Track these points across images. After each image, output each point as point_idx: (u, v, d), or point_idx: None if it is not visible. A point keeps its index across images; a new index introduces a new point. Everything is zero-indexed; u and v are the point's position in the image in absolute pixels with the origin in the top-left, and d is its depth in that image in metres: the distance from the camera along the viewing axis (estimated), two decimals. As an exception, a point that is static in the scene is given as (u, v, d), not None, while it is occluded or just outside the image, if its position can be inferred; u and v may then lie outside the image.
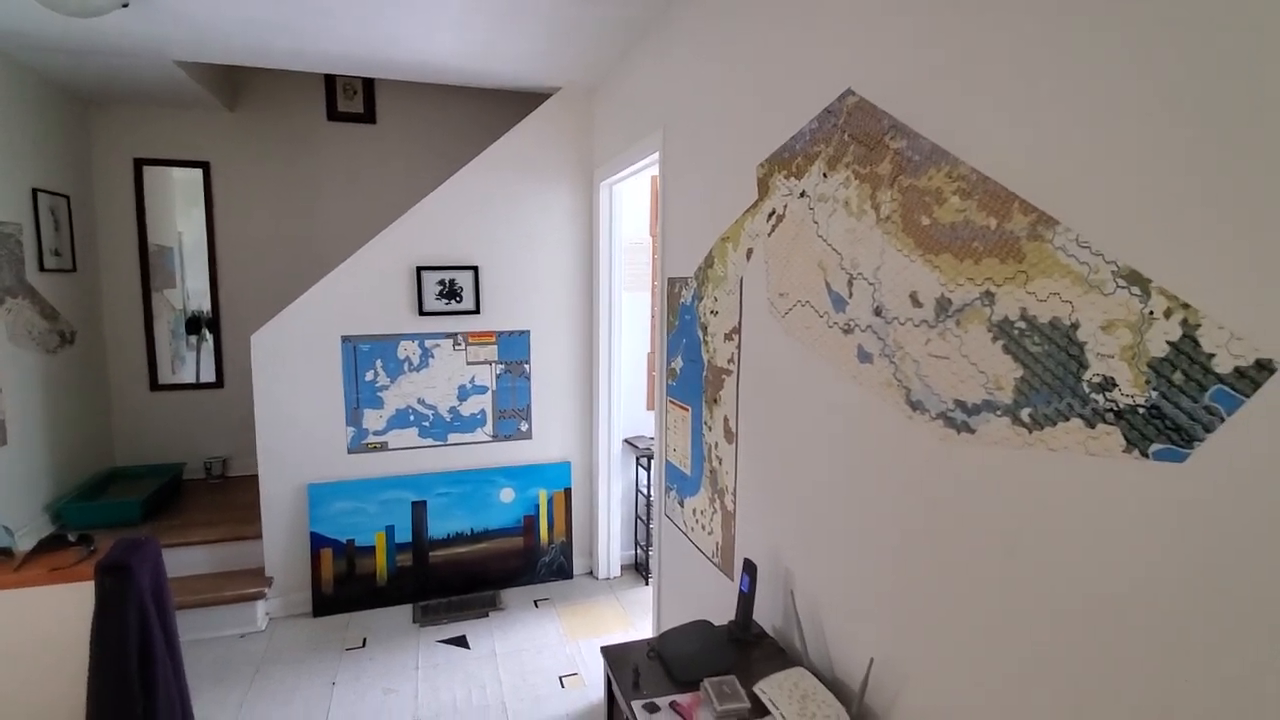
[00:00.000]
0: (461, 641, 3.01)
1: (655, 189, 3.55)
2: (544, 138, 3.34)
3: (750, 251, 1.85)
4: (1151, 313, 0.85)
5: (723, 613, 2.10)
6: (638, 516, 3.76)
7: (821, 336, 1.53)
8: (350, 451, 3.22)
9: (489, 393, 3.39)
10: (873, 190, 1.34)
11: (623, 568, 3.73)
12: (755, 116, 1.80)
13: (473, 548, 3.40)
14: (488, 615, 3.22)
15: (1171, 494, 0.83)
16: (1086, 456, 0.94)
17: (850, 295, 1.42)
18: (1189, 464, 0.81)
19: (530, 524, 3.50)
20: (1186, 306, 0.81)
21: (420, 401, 3.29)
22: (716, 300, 2.07)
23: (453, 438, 3.36)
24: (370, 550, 3.25)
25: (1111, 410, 0.90)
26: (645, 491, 3.65)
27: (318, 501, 3.17)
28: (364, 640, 3.02)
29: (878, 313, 1.34)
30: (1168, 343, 0.83)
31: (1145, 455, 0.86)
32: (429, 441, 3.33)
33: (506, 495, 3.44)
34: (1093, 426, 0.93)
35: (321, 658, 2.90)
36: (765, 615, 1.84)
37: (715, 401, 2.10)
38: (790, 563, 1.71)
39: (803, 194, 1.58)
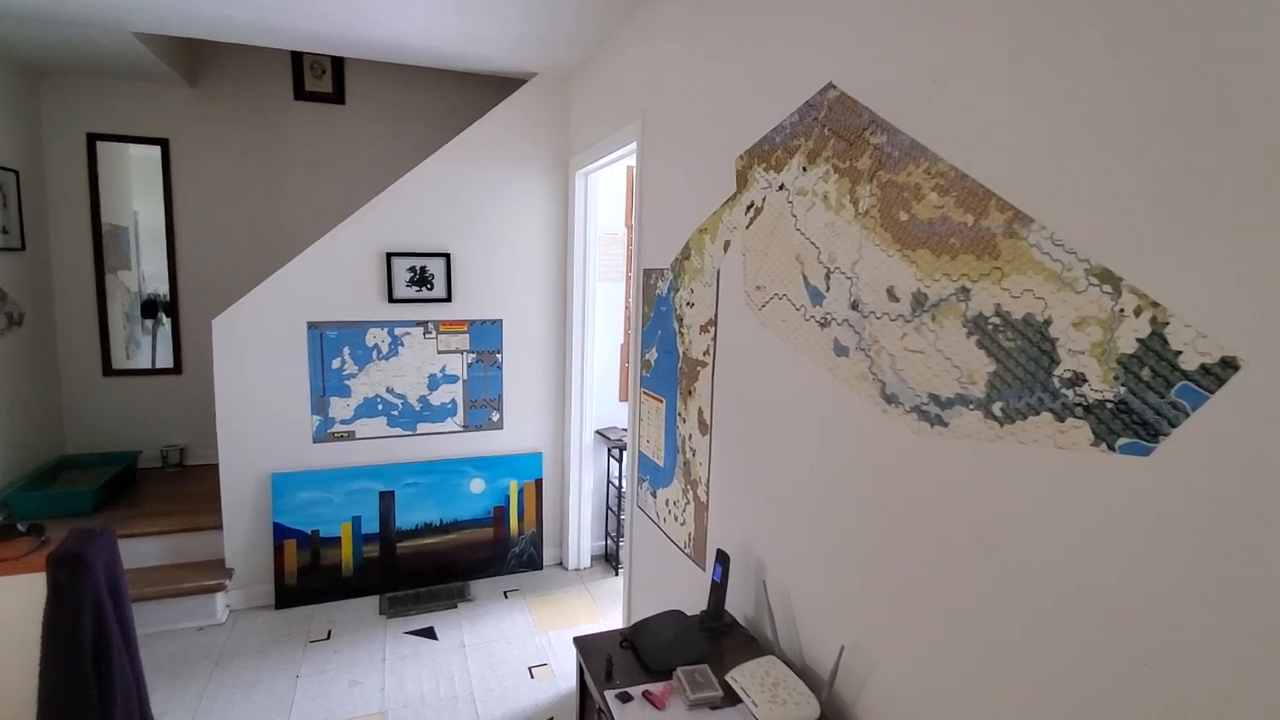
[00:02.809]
0: (429, 633, 2.98)
1: (631, 179, 3.54)
2: (519, 124, 3.30)
3: (728, 244, 1.85)
4: (1122, 310, 0.87)
5: (694, 603, 2.11)
6: (608, 507, 3.76)
7: (798, 330, 1.55)
8: (316, 441, 3.15)
9: (460, 382, 3.35)
10: (852, 185, 1.35)
11: (593, 558, 3.73)
12: (735, 108, 1.80)
13: (441, 539, 3.36)
14: (456, 607, 3.19)
15: (1137, 487, 0.86)
16: (1056, 450, 0.96)
17: (827, 289, 1.44)
18: (1154, 458, 0.84)
19: (500, 515, 3.47)
20: (1156, 305, 0.83)
21: (389, 390, 3.23)
22: (693, 292, 2.07)
23: (422, 427, 3.31)
24: (336, 541, 3.19)
25: (1081, 405, 0.93)
26: (616, 482, 3.65)
27: (281, 491, 3.10)
28: (329, 632, 2.97)
29: (854, 307, 1.36)
30: (1137, 340, 0.85)
31: (1112, 449, 0.89)
32: (398, 431, 3.27)
33: (476, 486, 3.41)
34: (1062, 420, 0.95)
35: (284, 650, 2.84)
36: (737, 605, 1.86)
37: (690, 393, 2.11)
38: (762, 553, 1.72)
39: (781, 187, 1.59)
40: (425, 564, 3.34)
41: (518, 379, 3.47)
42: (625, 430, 3.67)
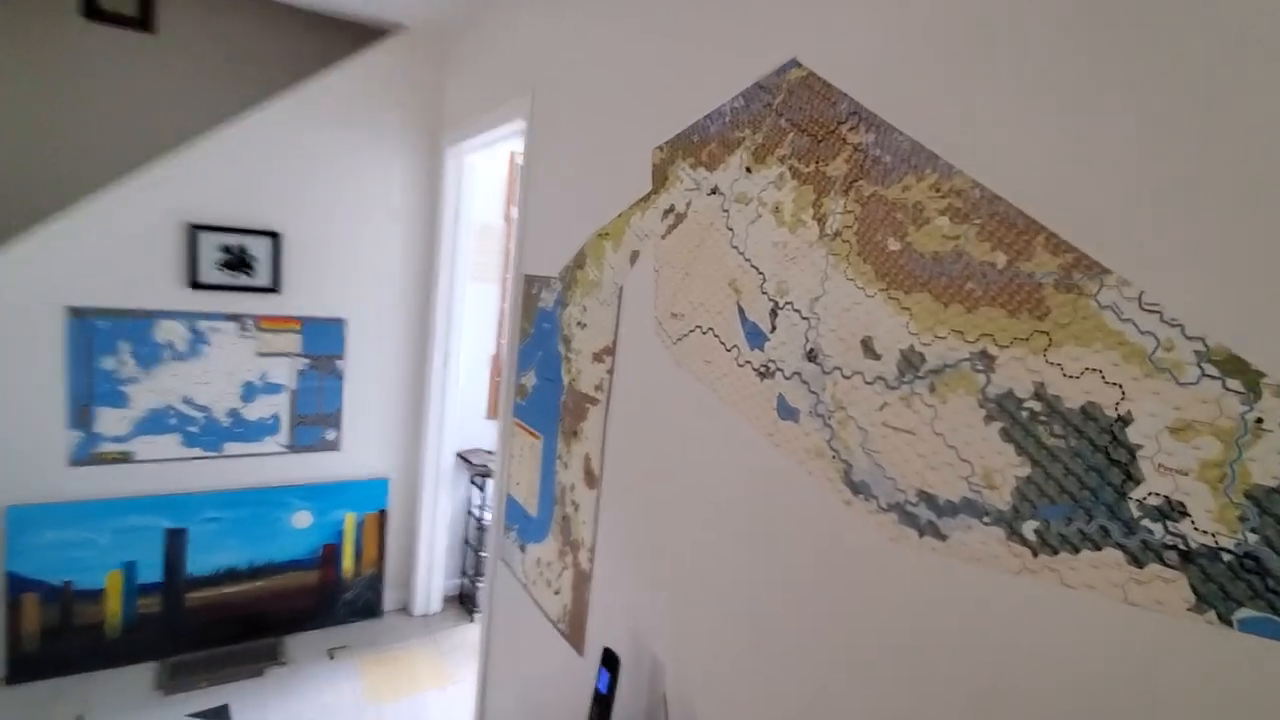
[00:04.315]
0: (221, 714, 2.34)
1: (514, 166, 3.08)
2: (381, 85, 2.73)
3: (635, 255, 1.47)
4: (1260, 421, 0.58)
5: (564, 692, 1.71)
6: (467, 542, 3.26)
7: (727, 376, 1.19)
8: (74, 463, 2.40)
9: (286, 393, 2.71)
10: (817, 196, 1.02)
11: (445, 600, 3.21)
12: (656, 86, 1.43)
13: (250, 586, 2.70)
14: (263, 674, 2.56)
15: (1265, 684, 0.57)
16: (1125, 606, 0.67)
17: (773, 329, 1.09)
18: (1305, 649, 0.56)
19: (330, 554, 2.87)
20: (1327, 421, 0.55)
21: (186, 401, 2.53)
22: (586, 310, 1.67)
23: (231, 448, 2.64)
24: (98, 594, 2.45)
25: (1176, 549, 0.63)
26: (478, 513, 3.16)
27: (20, 529, 2.32)
28: (78, 718, 2.25)
29: (811, 357, 1.02)
30: (1286, 468, 0.57)
31: (1226, 621, 0.60)
32: (196, 452, 2.58)
33: (301, 520, 2.78)
34: (1141, 566, 0.66)
35: (4, 749, 2.10)
36: (622, 707, 1.48)
37: (575, 434, 1.71)
38: (661, 652, 1.35)
39: (714, 190, 1.23)
40: (226, 619, 2.67)
41: (363, 391, 2.89)
42: (493, 454, 3.20)
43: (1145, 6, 0.66)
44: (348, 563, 2.92)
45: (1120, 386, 0.67)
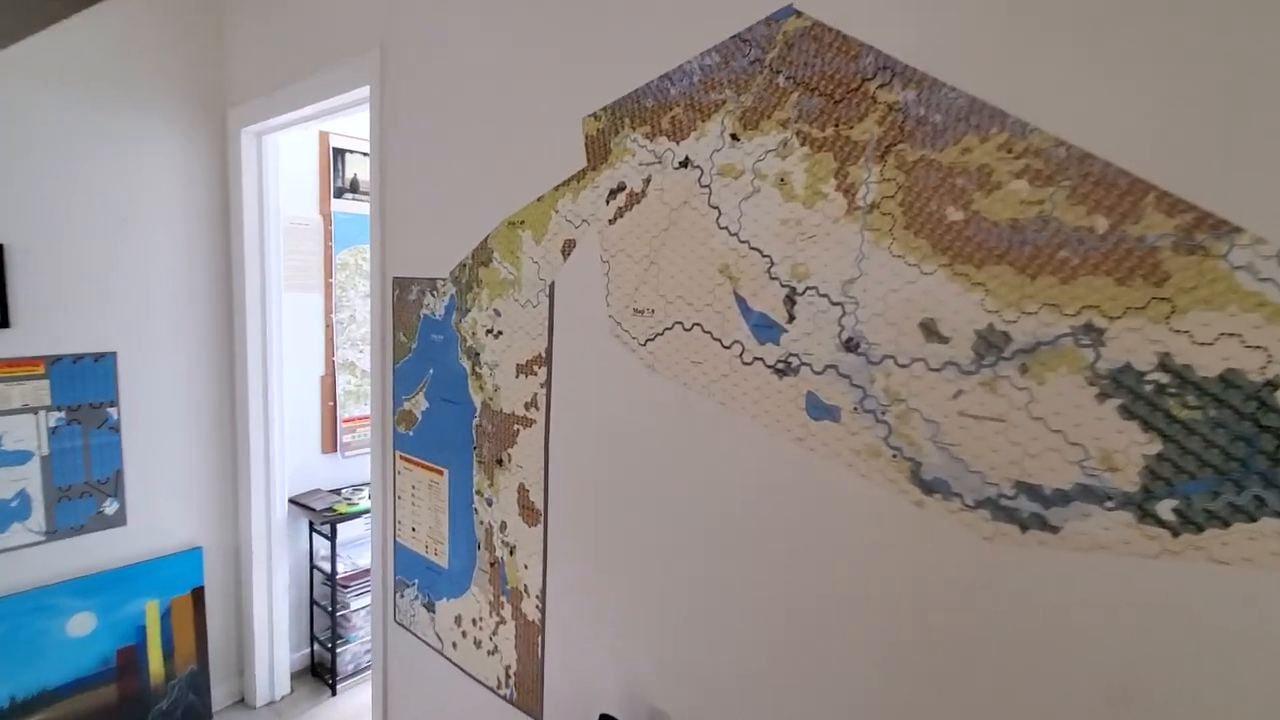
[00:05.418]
0: None
1: (327, 146, 2.59)
2: (138, 43, 2.09)
3: (570, 244, 1.25)
4: None
5: (522, 766, 1.46)
6: (315, 602, 2.74)
7: (728, 376, 1.04)
8: None
9: (34, 460, 2.00)
10: (840, 164, 0.89)
11: (294, 678, 2.67)
12: (579, 40, 1.20)
13: (12, 731, 1.98)
14: (54, 842, 1.90)
15: None
16: (1292, 574, 0.64)
17: (790, 318, 0.96)
18: None
19: (130, 659, 2.21)
20: None
21: None
22: (499, 315, 1.40)
23: (-46, 550, 1.89)
24: None
25: (1348, 510, 0.61)
26: (325, 566, 2.65)
27: None
28: None
29: (851, 347, 0.90)
30: None
31: None
32: (-107, 565, 1.80)
33: (81, 625, 2.10)
34: (1307, 531, 0.63)
35: None
36: (607, 770, 1.27)
37: (500, 464, 1.43)
38: (664, 702, 1.17)
39: (685, 163, 1.06)
40: (-23, 783, 1.93)
41: (151, 443, 2.24)
42: (338, 494, 2.71)
43: (1264, -55, 0.63)
44: (155, 664, 2.27)
45: (1265, 349, 0.64)
